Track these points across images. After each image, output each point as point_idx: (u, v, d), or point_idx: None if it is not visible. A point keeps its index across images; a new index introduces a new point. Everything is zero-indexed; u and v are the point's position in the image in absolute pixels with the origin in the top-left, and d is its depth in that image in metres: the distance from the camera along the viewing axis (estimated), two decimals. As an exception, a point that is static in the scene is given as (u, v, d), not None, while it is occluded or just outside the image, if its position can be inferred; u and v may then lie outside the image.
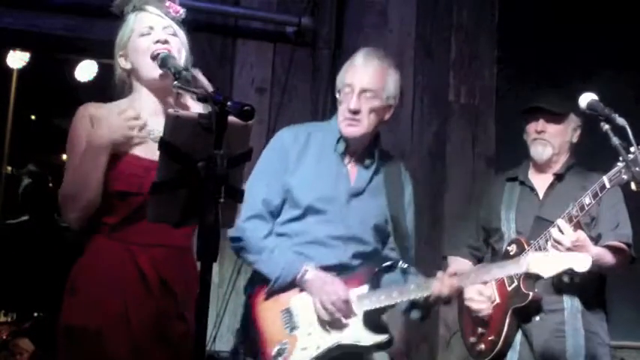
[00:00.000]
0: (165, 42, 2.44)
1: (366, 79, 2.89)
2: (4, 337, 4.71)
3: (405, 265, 2.92)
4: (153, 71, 2.42)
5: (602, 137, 2.75)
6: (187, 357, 2.43)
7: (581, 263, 2.84)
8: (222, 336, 4.23)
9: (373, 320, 2.85)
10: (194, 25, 2.61)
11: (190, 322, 2.45)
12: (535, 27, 4.71)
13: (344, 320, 2.82)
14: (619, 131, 2.72)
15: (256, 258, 2.89)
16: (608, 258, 3.09)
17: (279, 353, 2.80)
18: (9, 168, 6.76)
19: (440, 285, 2.81)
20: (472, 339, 3.27)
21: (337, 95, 2.96)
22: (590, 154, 3.35)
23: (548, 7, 4.70)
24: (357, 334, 2.82)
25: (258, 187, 2.90)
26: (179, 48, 2.48)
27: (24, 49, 5.79)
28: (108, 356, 2.35)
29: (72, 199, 2.38)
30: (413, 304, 2.91)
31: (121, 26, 2.53)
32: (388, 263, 2.93)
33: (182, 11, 2.55)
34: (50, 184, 5.07)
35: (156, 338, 2.41)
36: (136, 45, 2.47)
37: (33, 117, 7.51)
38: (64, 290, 2.45)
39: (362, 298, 2.85)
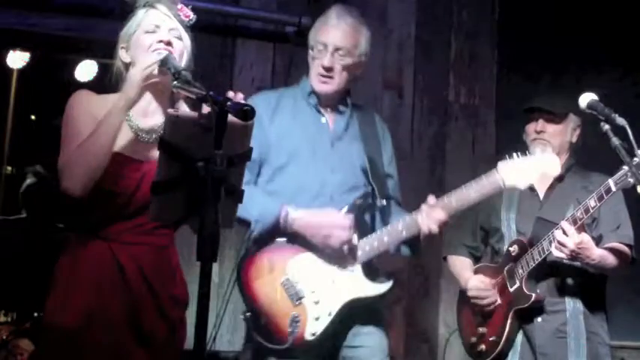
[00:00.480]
0: (169, 43, 2.45)
1: (339, 38, 2.96)
2: (4, 337, 4.71)
3: (384, 202, 2.93)
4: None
5: (602, 137, 2.75)
6: (170, 357, 2.45)
7: (551, 166, 2.85)
8: (222, 336, 4.22)
9: (371, 268, 2.88)
10: (194, 25, 2.61)
11: (174, 321, 2.48)
12: (535, 27, 4.71)
13: (347, 270, 2.84)
14: (619, 131, 2.72)
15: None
16: (611, 260, 3.09)
17: (293, 328, 2.79)
18: (9, 168, 6.76)
19: (426, 220, 2.82)
20: (472, 339, 3.27)
21: (310, 51, 3.02)
22: (589, 154, 3.35)
23: (548, 7, 4.69)
24: (361, 287, 2.85)
25: None
26: (181, 52, 2.49)
27: (24, 49, 5.78)
28: (87, 354, 2.34)
29: (82, 164, 2.32)
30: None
31: (129, 19, 2.53)
32: (361, 201, 2.91)
33: (192, 17, 2.56)
34: (53, 188, 5.07)
35: (135, 336, 2.40)
36: (139, 41, 2.47)
37: (33, 117, 7.50)
38: (48, 288, 2.45)
39: (355, 249, 2.87)
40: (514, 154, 2.88)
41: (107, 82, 2.56)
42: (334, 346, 2.91)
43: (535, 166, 2.84)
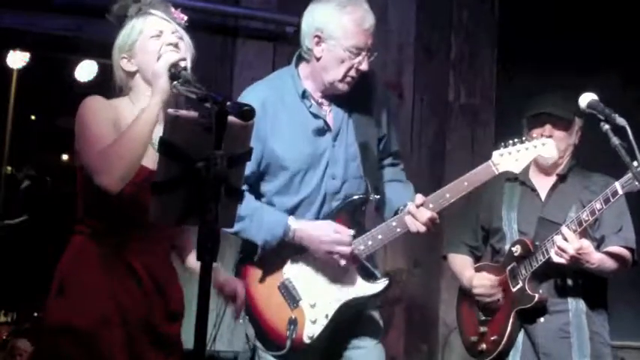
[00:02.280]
0: (176, 45, 2.47)
1: (371, 40, 2.89)
2: (4, 337, 4.71)
3: (377, 196, 2.91)
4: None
5: (602, 137, 2.74)
6: (182, 357, 2.46)
7: (548, 149, 2.84)
8: (222, 336, 4.22)
9: (367, 268, 2.87)
10: (194, 25, 2.62)
11: (180, 322, 2.51)
12: (535, 27, 4.71)
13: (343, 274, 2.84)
14: (619, 131, 2.72)
15: (239, 226, 2.81)
16: (610, 263, 3.09)
17: (291, 332, 2.81)
18: (9, 168, 6.76)
19: (412, 221, 2.80)
20: (473, 338, 3.27)
21: (343, 51, 2.84)
22: (588, 153, 3.35)
23: (548, 6, 4.69)
24: (358, 287, 2.85)
25: None
26: (185, 52, 2.50)
27: (24, 49, 5.78)
28: (102, 357, 2.34)
29: (122, 159, 2.30)
30: None
31: (123, 28, 2.53)
32: (356, 198, 2.90)
33: (186, 18, 2.59)
34: (48, 185, 5.08)
35: (149, 337, 2.42)
36: (146, 47, 2.48)
37: (33, 117, 7.50)
38: (51, 291, 2.44)
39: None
40: (509, 141, 2.88)
41: (111, 89, 2.57)
42: (334, 352, 2.91)
43: (529, 149, 2.82)
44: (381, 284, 2.86)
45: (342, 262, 2.83)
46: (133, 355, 2.38)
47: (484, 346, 3.22)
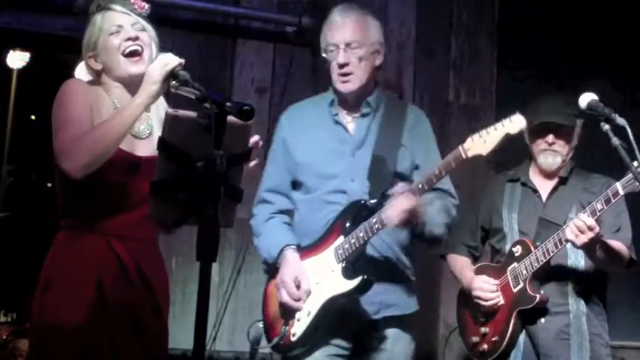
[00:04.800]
0: (136, 38, 2.48)
1: (347, 33, 2.95)
2: (4, 337, 4.71)
3: (374, 201, 2.87)
4: (127, 67, 2.47)
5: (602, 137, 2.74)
6: (161, 352, 2.49)
7: (513, 125, 2.70)
8: (222, 336, 4.23)
9: (352, 268, 2.86)
10: (194, 25, 2.62)
11: (164, 312, 2.53)
12: (535, 27, 4.71)
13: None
14: (619, 131, 2.72)
15: (256, 241, 3.07)
16: (605, 248, 3.06)
17: (284, 330, 2.89)
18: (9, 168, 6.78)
19: (392, 212, 2.76)
20: (474, 338, 3.27)
21: (324, 55, 3.00)
22: (587, 152, 3.36)
23: (548, 6, 4.69)
24: (337, 285, 2.85)
25: (267, 171, 3.07)
26: (149, 42, 2.52)
27: (24, 49, 5.80)
28: (94, 349, 2.35)
29: (91, 150, 2.32)
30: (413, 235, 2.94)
31: (87, 27, 2.56)
32: (356, 205, 2.90)
33: (147, 7, 2.58)
34: (32, 181, 5.08)
35: (132, 329, 2.42)
36: (107, 44, 2.50)
37: (33, 117, 7.52)
38: (37, 287, 2.43)
39: (338, 249, 2.88)
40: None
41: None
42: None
43: (498, 129, 2.72)
44: (355, 281, 2.82)
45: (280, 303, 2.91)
46: (114, 346, 2.38)
47: (485, 346, 3.22)
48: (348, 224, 2.87)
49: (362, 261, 2.87)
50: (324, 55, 3.00)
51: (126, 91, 2.52)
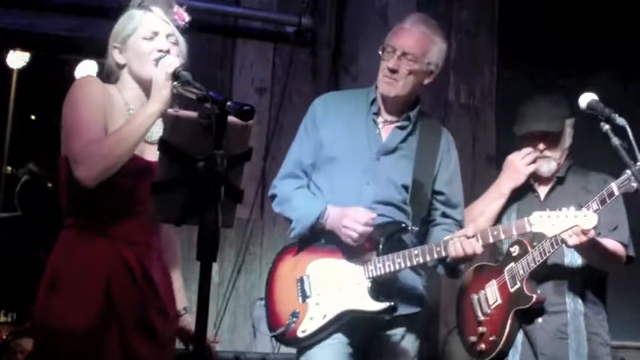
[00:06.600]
0: (167, 52, 2.45)
1: (408, 43, 2.96)
2: (5, 337, 4.71)
3: (416, 229, 2.92)
4: (153, 70, 2.42)
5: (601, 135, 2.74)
6: (169, 353, 2.48)
7: (586, 221, 2.77)
8: (222, 336, 4.23)
9: (378, 287, 2.88)
10: (194, 25, 2.61)
11: (173, 319, 2.53)
12: (535, 27, 4.71)
13: (354, 285, 2.87)
14: (619, 131, 2.72)
15: (284, 207, 3.03)
16: (600, 248, 3.06)
17: (290, 322, 2.89)
18: (9, 168, 6.77)
19: (454, 249, 2.82)
20: (472, 338, 3.27)
21: (380, 53, 3.01)
22: (586, 152, 3.36)
23: (547, 6, 4.70)
24: (361, 301, 2.86)
25: (293, 149, 3.11)
26: (178, 57, 2.48)
27: (24, 49, 5.79)
28: (103, 354, 2.35)
29: (106, 159, 2.31)
30: (439, 260, 2.92)
31: (122, 16, 2.52)
32: (397, 226, 2.92)
33: (187, 19, 2.56)
34: (49, 185, 5.07)
35: (143, 332, 2.42)
36: (137, 47, 2.47)
37: (33, 117, 7.51)
38: (41, 287, 2.41)
39: (368, 264, 2.88)
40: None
41: (103, 79, 2.56)
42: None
43: (569, 217, 2.78)
44: (382, 305, 2.85)
45: (350, 240, 2.85)
46: (125, 348, 2.37)
47: (483, 346, 3.22)
48: (382, 243, 2.88)
49: (389, 284, 2.90)
50: (379, 52, 3.01)
51: (142, 93, 2.49)
